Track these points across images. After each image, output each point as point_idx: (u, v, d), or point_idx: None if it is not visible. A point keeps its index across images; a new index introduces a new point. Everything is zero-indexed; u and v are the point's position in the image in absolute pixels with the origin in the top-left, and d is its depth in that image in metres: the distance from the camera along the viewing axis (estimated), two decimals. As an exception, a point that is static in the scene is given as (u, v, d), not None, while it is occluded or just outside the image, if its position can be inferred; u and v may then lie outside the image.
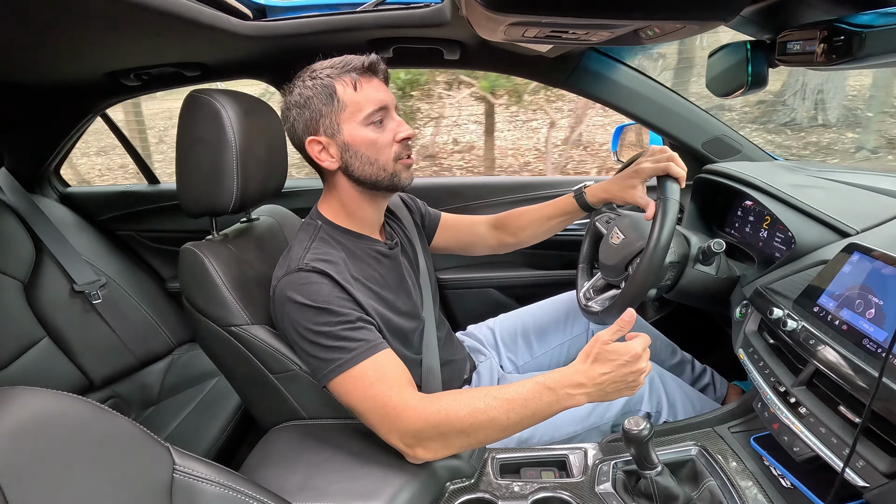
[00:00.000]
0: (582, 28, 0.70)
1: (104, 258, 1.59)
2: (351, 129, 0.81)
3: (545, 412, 0.72)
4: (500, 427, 0.72)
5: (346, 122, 0.81)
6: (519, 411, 0.71)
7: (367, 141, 0.82)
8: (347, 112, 0.81)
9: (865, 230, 0.82)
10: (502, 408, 0.71)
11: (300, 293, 0.76)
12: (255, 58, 1.27)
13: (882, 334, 0.63)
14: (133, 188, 1.81)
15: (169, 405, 1.41)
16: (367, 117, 0.81)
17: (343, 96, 0.80)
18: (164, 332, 1.63)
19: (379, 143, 0.82)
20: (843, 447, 0.62)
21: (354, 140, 0.81)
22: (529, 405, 0.71)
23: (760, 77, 0.80)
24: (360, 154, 0.82)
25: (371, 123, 0.82)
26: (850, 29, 0.56)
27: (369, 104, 0.81)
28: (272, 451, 0.84)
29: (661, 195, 0.88)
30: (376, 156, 0.83)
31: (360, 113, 0.81)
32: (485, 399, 0.72)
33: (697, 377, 1.18)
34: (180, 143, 0.91)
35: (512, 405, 0.71)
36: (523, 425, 0.73)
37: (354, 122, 0.81)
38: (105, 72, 1.29)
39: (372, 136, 0.82)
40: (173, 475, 0.47)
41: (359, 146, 0.82)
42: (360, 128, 0.81)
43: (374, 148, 0.82)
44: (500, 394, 0.73)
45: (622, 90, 1.27)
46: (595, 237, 1.20)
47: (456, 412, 0.71)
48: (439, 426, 0.71)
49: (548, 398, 0.71)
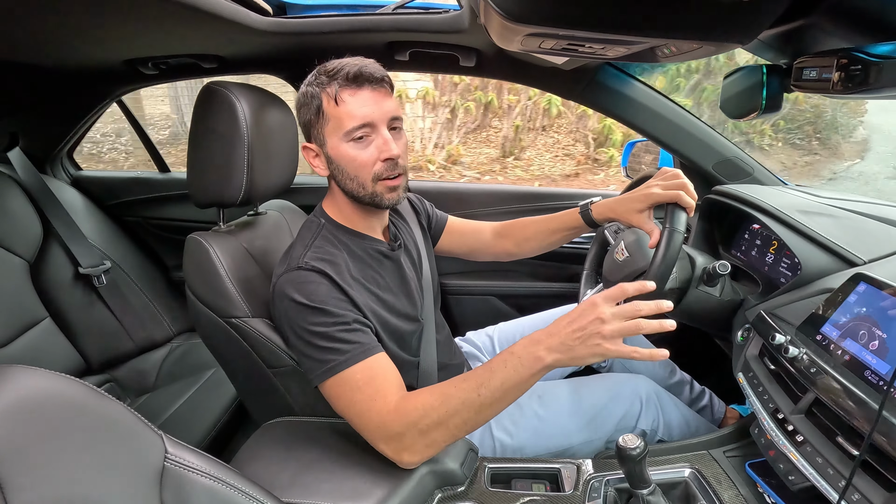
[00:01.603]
0: (599, 43, 0.70)
1: (110, 243, 1.60)
2: (333, 143, 0.80)
3: (514, 380, 0.68)
4: (473, 407, 0.69)
5: (329, 136, 0.80)
6: (488, 385, 0.69)
7: (346, 157, 0.80)
8: (330, 126, 0.80)
9: (873, 261, 0.82)
10: (471, 386, 0.69)
11: (298, 291, 0.76)
12: (272, 53, 1.28)
13: (885, 367, 0.62)
14: (143, 175, 1.83)
15: (165, 393, 1.41)
16: (347, 133, 0.78)
17: (326, 109, 0.79)
18: (165, 320, 1.63)
19: (358, 160, 0.79)
20: (839, 479, 0.61)
21: (336, 155, 0.81)
22: (496, 375, 0.69)
23: (775, 102, 0.80)
24: (342, 169, 0.81)
25: (352, 140, 0.79)
26: (868, 59, 0.56)
27: (350, 120, 0.78)
28: (264, 445, 0.83)
29: (666, 224, 0.85)
30: (356, 173, 0.81)
31: (341, 129, 0.78)
32: (454, 383, 0.71)
33: (695, 398, 1.17)
34: (193, 134, 0.92)
35: (480, 380, 0.69)
36: (498, 401, 0.69)
37: (336, 136, 0.80)
38: (124, 59, 1.30)
39: (351, 153, 0.79)
40: (165, 463, 0.47)
41: (340, 161, 0.81)
42: (342, 143, 0.79)
43: (352, 165, 0.80)
44: (467, 374, 0.72)
45: (636, 106, 1.27)
46: (602, 245, 1.19)
47: (430, 403, 0.70)
48: (418, 423, 0.71)
49: (513, 363, 0.68)
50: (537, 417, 0.97)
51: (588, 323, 0.65)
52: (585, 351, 0.65)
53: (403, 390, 0.76)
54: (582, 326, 0.65)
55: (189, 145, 0.93)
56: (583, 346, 0.65)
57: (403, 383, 0.77)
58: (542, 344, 0.68)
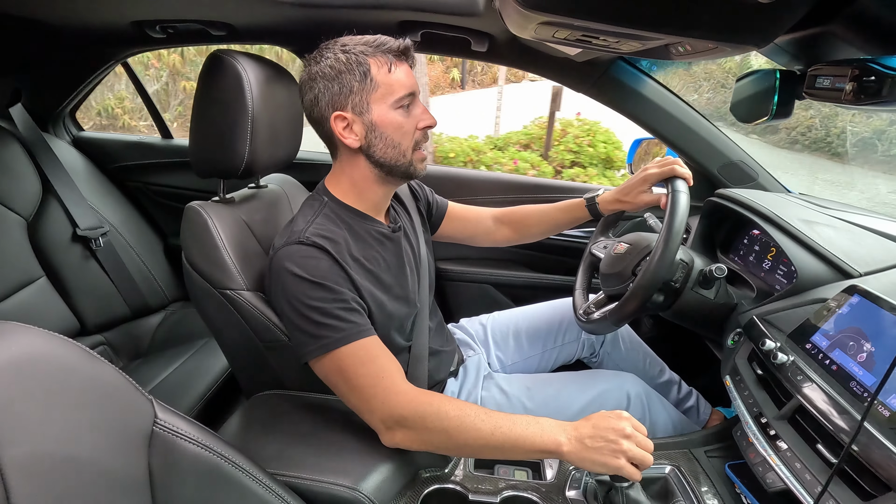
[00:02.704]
0: (613, 36, 0.69)
1: (109, 206, 1.59)
2: (380, 111, 0.81)
3: (525, 445, 0.72)
4: (481, 439, 0.72)
5: (376, 103, 0.80)
6: (504, 431, 0.71)
7: (394, 124, 0.81)
8: (379, 93, 0.80)
9: (868, 273, 0.82)
10: (490, 422, 0.72)
11: (298, 265, 0.76)
12: (283, 24, 1.26)
13: (870, 379, 0.63)
14: (146, 140, 1.81)
15: (157, 359, 1.42)
16: (397, 101, 0.81)
17: (377, 76, 0.79)
18: (161, 286, 1.64)
19: (405, 127, 0.82)
20: (815, 485, 0.62)
21: (382, 121, 0.81)
22: (515, 429, 0.71)
23: (786, 108, 0.80)
24: (386, 136, 0.82)
25: (400, 107, 0.82)
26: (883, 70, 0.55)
27: (401, 88, 0.81)
28: (252, 417, 0.84)
29: (670, 188, 0.92)
30: (400, 139, 0.83)
31: (392, 96, 0.80)
32: (476, 410, 0.73)
33: (683, 399, 1.19)
34: (198, 102, 0.91)
35: (499, 423, 0.72)
36: (501, 449, 0.73)
37: (385, 103, 0.81)
38: (132, 20, 1.28)
39: (399, 119, 0.82)
40: (154, 428, 0.48)
41: (385, 128, 0.81)
42: (390, 110, 0.81)
43: (399, 132, 0.82)
44: (492, 413, 0.74)
45: (646, 103, 1.26)
46: (591, 265, 1.19)
47: (446, 411, 0.72)
48: (426, 417, 0.72)
49: (533, 429, 0.72)
50: (524, 409, 0.98)
51: (614, 435, 0.68)
52: (599, 457, 0.68)
53: (403, 374, 0.77)
54: (606, 437, 0.68)
55: (193, 113, 0.92)
56: (598, 452, 0.68)
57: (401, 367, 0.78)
58: (567, 433, 0.71)
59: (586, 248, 1.20)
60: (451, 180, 1.62)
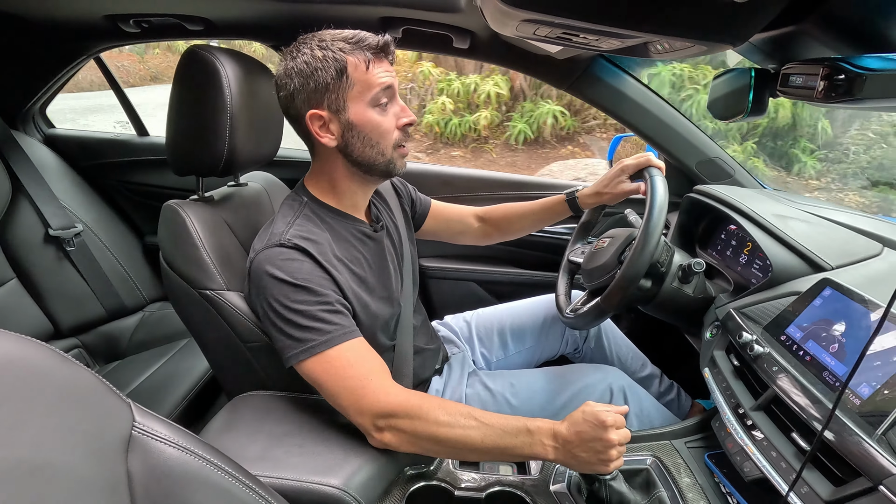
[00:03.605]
0: (593, 34, 0.70)
1: (83, 205, 1.55)
2: (357, 109, 0.79)
3: (514, 452, 0.72)
4: (470, 444, 0.72)
5: (352, 101, 0.79)
6: (493, 439, 0.72)
7: (371, 123, 0.80)
8: (356, 90, 0.78)
9: (840, 267, 0.85)
10: (480, 429, 0.72)
11: (280, 268, 0.75)
12: (262, 19, 1.24)
13: (842, 369, 0.65)
14: (121, 137, 1.77)
15: (135, 361, 1.39)
16: (374, 98, 0.79)
17: (353, 73, 0.77)
18: (138, 287, 1.60)
19: (383, 126, 0.81)
20: (790, 472, 0.64)
21: (359, 120, 0.79)
22: (505, 438, 0.72)
23: (760, 105, 0.81)
24: (363, 135, 0.80)
25: (377, 105, 0.80)
26: (853, 69, 0.57)
27: (378, 85, 0.79)
28: (235, 418, 0.83)
29: (647, 174, 0.96)
30: (378, 139, 0.81)
31: (369, 93, 0.79)
32: (466, 415, 0.73)
33: (664, 391, 1.21)
34: (174, 98, 0.89)
35: (490, 431, 0.72)
36: (490, 455, 0.74)
37: (362, 101, 0.79)
38: (104, 14, 1.25)
39: (377, 118, 0.80)
40: (132, 432, 0.47)
41: (363, 127, 0.80)
42: (367, 108, 0.79)
43: (377, 131, 0.81)
44: (482, 416, 0.74)
45: (625, 101, 1.27)
46: (570, 272, 1.20)
47: (436, 415, 0.72)
48: (415, 419, 0.72)
49: (523, 439, 0.72)
50: (509, 406, 0.99)
51: (601, 446, 0.70)
52: (588, 468, 0.71)
53: (391, 376, 0.77)
54: (594, 448, 0.70)
55: (169, 110, 0.89)
56: (587, 464, 0.71)
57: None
58: (555, 441, 0.72)
59: (564, 257, 1.21)
60: (434, 177, 1.62)
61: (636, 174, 1.03)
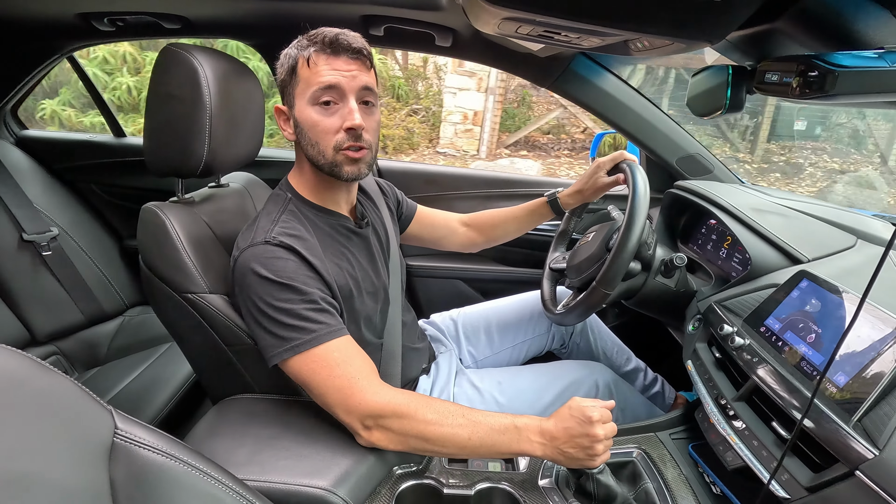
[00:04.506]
0: (574, 32, 0.70)
1: (58, 209, 1.51)
2: (300, 106, 0.79)
3: (502, 449, 0.73)
4: (459, 443, 0.72)
5: (297, 98, 0.79)
6: (481, 437, 0.72)
7: (310, 121, 0.79)
8: (299, 88, 0.79)
9: (816, 259, 0.87)
10: (468, 427, 0.72)
11: (264, 267, 0.74)
12: (241, 18, 1.22)
13: (819, 358, 0.67)
14: (96, 139, 1.72)
15: (115, 367, 1.36)
16: (312, 96, 0.77)
17: (300, 70, 0.78)
18: (117, 291, 1.57)
19: (320, 126, 0.78)
20: (771, 460, 0.66)
21: (301, 118, 0.80)
22: (493, 435, 0.72)
23: (738, 102, 0.83)
24: (305, 133, 0.80)
25: (318, 104, 0.78)
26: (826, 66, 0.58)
27: (317, 83, 0.76)
28: (220, 422, 0.82)
29: (625, 165, 0.98)
30: (317, 139, 0.79)
31: (308, 90, 0.77)
32: (454, 413, 0.73)
33: (648, 385, 1.23)
34: (151, 98, 0.87)
35: (477, 429, 0.72)
36: (479, 453, 0.74)
37: (303, 99, 0.79)
38: (78, 12, 1.21)
39: (315, 117, 0.78)
40: (114, 439, 0.46)
41: (303, 125, 0.80)
42: (307, 106, 0.78)
43: (315, 130, 0.79)
44: (470, 414, 0.74)
45: (607, 98, 1.29)
46: (553, 279, 1.20)
47: (425, 413, 0.72)
48: (404, 418, 0.72)
49: (511, 436, 0.73)
50: (497, 404, 0.99)
51: (588, 441, 0.70)
52: (576, 464, 0.72)
53: (378, 375, 0.77)
54: (581, 444, 0.71)
55: (146, 110, 0.88)
56: (575, 460, 0.72)
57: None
58: (543, 437, 0.72)
59: (545, 266, 1.22)
60: (418, 175, 1.61)
61: (613, 169, 1.05)
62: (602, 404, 0.73)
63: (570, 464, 0.73)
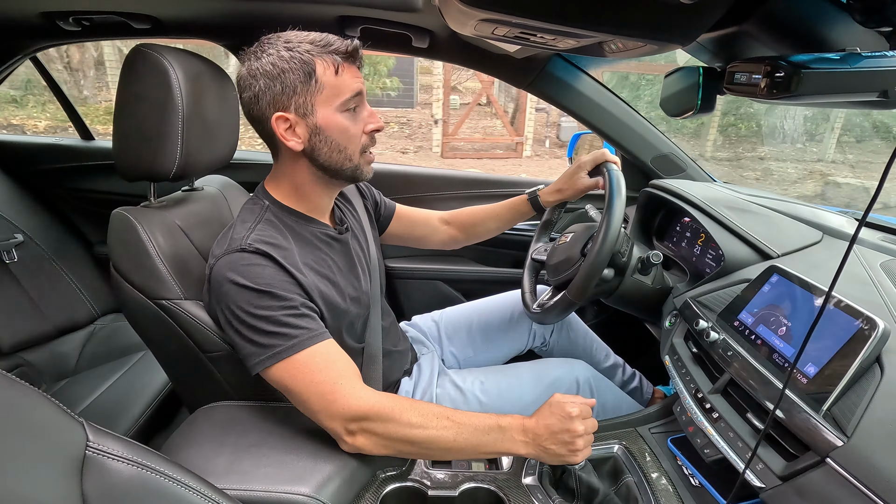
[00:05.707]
0: (550, 33, 0.71)
1: (23, 214, 1.46)
2: (325, 113, 0.77)
3: (487, 449, 0.74)
4: (444, 444, 0.72)
5: (321, 105, 0.77)
6: (466, 438, 0.72)
7: (340, 127, 0.78)
8: (324, 94, 0.76)
9: (785, 254, 0.90)
10: (453, 428, 0.72)
11: (241, 274, 0.73)
12: (214, 18, 1.19)
13: (790, 350, 0.69)
14: (63, 142, 1.67)
15: (86, 378, 1.32)
16: (343, 103, 0.78)
17: (322, 77, 0.76)
18: (87, 299, 1.52)
19: (350, 131, 0.80)
20: (746, 451, 0.68)
21: (328, 125, 0.78)
22: (477, 436, 0.73)
23: (709, 102, 0.85)
24: (331, 140, 0.79)
25: (346, 110, 0.79)
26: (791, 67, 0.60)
27: (348, 90, 0.78)
28: (198, 431, 0.80)
29: (604, 168, 1.00)
30: (346, 144, 0.80)
31: (338, 98, 0.77)
32: (438, 415, 0.73)
33: (627, 380, 1.25)
34: (120, 100, 0.84)
35: (462, 430, 0.73)
36: (463, 454, 0.74)
37: (330, 106, 0.77)
38: (41, 11, 1.17)
39: (345, 122, 0.79)
40: (86, 452, 0.44)
41: (331, 131, 0.78)
42: (335, 113, 0.78)
43: (345, 136, 0.79)
44: (454, 416, 0.74)
45: (583, 99, 1.30)
46: (534, 270, 1.21)
47: (409, 416, 0.72)
48: (388, 422, 0.72)
49: (495, 436, 0.73)
50: (480, 404, 0.99)
51: (569, 437, 0.72)
52: (559, 460, 0.73)
53: (361, 378, 0.76)
54: (562, 440, 0.72)
55: (115, 113, 0.85)
56: (557, 457, 0.73)
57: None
58: (526, 435, 0.73)
59: (527, 256, 1.23)
60: (398, 177, 1.61)
61: (594, 170, 1.06)
62: (582, 401, 0.74)
63: (552, 460, 0.73)
